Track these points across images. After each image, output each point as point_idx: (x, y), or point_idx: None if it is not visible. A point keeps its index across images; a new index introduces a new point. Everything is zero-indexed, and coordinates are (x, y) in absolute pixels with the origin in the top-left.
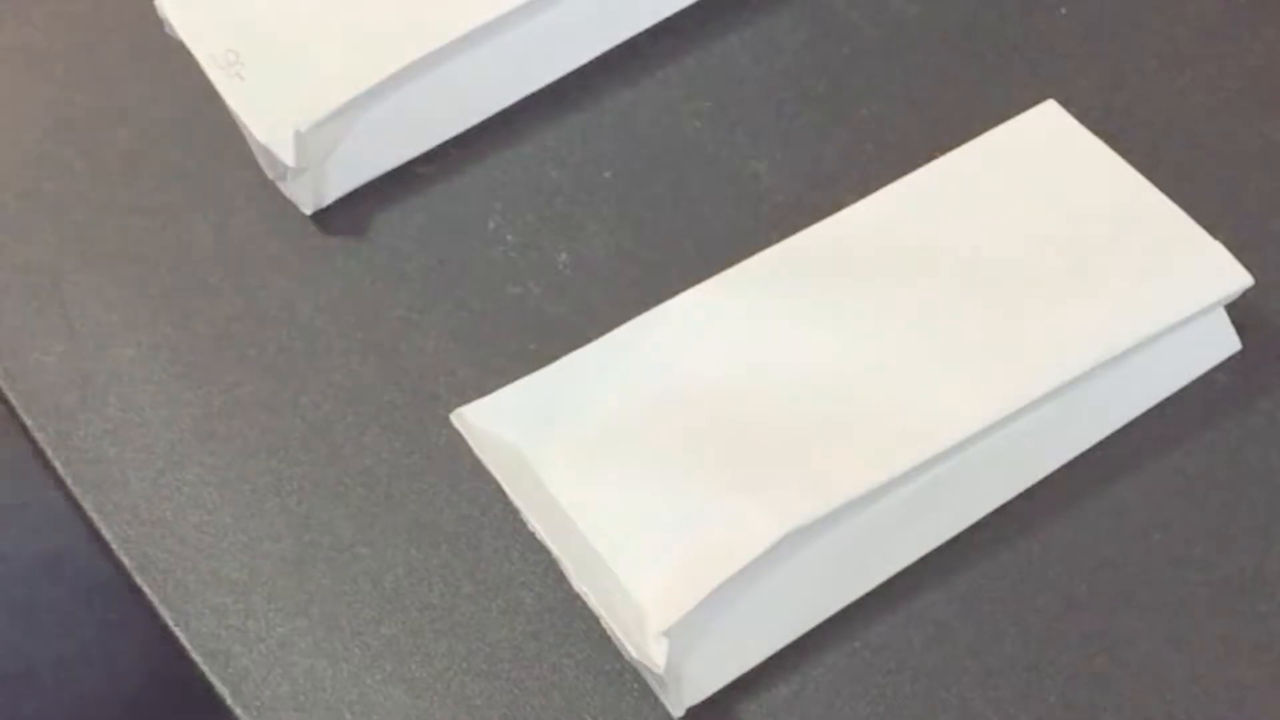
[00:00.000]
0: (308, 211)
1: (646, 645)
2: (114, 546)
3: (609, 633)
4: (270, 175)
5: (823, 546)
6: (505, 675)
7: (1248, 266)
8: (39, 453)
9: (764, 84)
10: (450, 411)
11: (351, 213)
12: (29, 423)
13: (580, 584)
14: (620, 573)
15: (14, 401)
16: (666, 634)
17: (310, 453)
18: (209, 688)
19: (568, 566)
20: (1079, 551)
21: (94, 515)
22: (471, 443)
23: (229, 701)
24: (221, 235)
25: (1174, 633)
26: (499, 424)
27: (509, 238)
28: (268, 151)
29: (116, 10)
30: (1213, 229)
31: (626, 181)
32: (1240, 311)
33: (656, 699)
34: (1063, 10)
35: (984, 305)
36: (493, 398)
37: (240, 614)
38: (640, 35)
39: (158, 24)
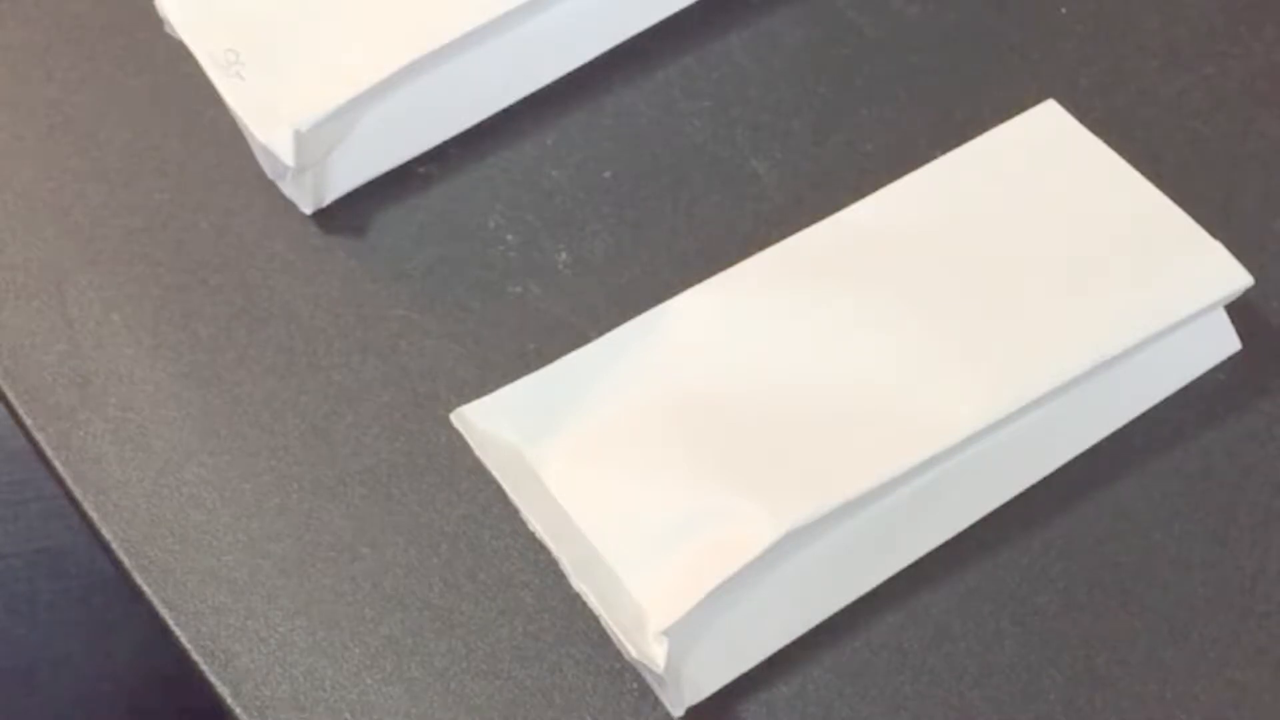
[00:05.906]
0: (308, 211)
1: (646, 645)
2: (114, 546)
3: (609, 633)
4: (270, 175)
5: (823, 546)
6: (505, 675)
7: (1248, 266)
8: (39, 453)
9: (764, 84)
10: (450, 411)
11: (351, 213)
12: (29, 423)
13: (580, 584)
14: (620, 573)
15: (14, 401)
16: (666, 634)
17: (310, 453)
18: (209, 688)
19: (568, 566)
20: (1079, 551)
21: (94, 515)
22: (471, 443)
23: (229, 701)
24: (221, 235)
25: (1174, 633)
26: (499, 424)
27: (509, 238)
28: (268, 151)
29: (116, 10)
30: (1213, 229)
31: (626, 181)
32: (1240, 311)
33: (656, 699)
34: (1063, 10)
35: (984, 305)
36: (493, 398)
37: (240, 614)
38: (640, 35)
39: (158, 24)
